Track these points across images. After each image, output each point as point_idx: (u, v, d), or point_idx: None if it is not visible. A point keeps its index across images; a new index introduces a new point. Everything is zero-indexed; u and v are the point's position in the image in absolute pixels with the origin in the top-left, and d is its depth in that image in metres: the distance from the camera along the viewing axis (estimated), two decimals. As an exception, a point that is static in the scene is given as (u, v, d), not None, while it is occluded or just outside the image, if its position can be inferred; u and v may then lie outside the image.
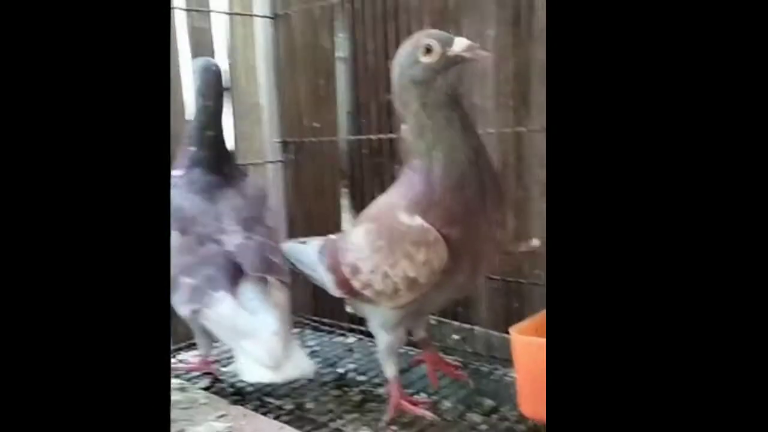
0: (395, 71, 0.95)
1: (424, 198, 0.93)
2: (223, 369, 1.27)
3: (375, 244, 0.98)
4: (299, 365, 0.98)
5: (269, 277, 1.07)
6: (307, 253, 1.18)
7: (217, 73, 1.19)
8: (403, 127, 0.97)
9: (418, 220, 0.93)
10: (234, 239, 1.09)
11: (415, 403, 1.10)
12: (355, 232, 1.05)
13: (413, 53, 0.92)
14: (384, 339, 1.06)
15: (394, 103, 0.97)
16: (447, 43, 0.90)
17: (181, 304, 1.05)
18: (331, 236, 1.17)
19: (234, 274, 1.04)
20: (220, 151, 1.20)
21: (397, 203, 0.97)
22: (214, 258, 1.06)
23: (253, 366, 0.96)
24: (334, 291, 1.09)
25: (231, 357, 1.25)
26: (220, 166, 1.18)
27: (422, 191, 0.94)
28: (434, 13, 1.30)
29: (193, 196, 1.13)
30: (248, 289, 1.04)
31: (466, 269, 0.96)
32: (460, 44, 0.89)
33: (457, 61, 0.90)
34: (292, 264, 1.21)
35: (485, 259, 1.00)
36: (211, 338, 1.17)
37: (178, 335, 1.47)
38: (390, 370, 1.09)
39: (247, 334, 0.98)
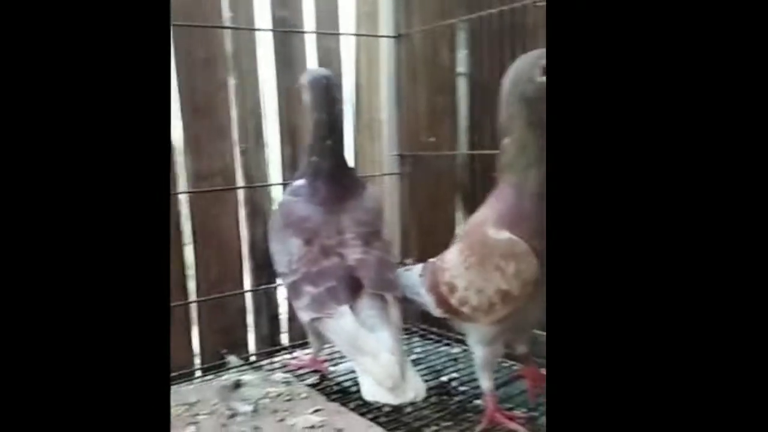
0: (507, 85, 0.96)
1: (515, 212, 0.95)
2: (332, 368, 1.33)
3: (467, 260, 1.00)
4: (415, 387, 1.00)
5: (386, 294, 1.10)
6: (410, 276, 1.22)
7: (327, 85, 1.20)
8: (504, 141, 0.98)
9: (505, 233, 0.94)
10: (354, 253, 1.12)
11: (510, 417, 1.11)
12: (450, 251, 1.08)
13: (530, 71, 0.93)
14: (481, 354, 1.08)
15: (500, 116, 0.99)
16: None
17: (301, 310, 1.12)
18: (432, 259, 1.19)
19: (354, 289, 1.08)
20: (340, 162, 1.22)
21: (486, 218, 0.99)
22: (336, 270, 1.10)
23: (373, 385, 0.99)
24: (435, 311, 1.12)
25: (342, 357, 1.33)
26: (341, 177, 1.21)
27: (513, 205, 0.95)
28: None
29: (316, 207, 1.17)
30: (367, 305, 1.07)
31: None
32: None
33: None
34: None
35: None
36: (323, 341, 1.22)
37: (295, 332, 1.59)
38: (486, 383, 1.11)
39: (365, 351, 1.00)
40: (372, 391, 0.99)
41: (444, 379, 1.35)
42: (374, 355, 0.99)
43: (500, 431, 1.08)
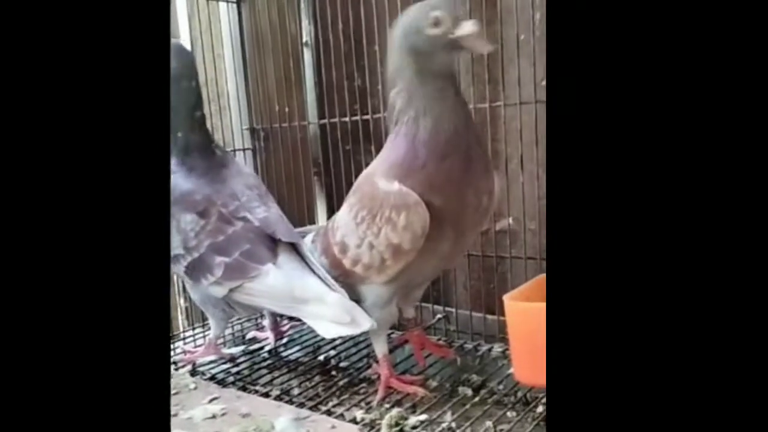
0: (395, 36, 0.93)
1: (406, 164, 0.93)
2: (228, 351, 1.30)
3: (358, 215, 0.98)
4: (366, 316, 0.98)
5: (297, 243, 1.10)
6: (304, 243, 1.17)
7: (190, 55, 1.20)
8: (393, 92, 0.96)
9: (395, 184, 0.92)
10: (258, 213, 1.11)
11: (405, 382, 1.09)
12: (342, 208, 1.04)
13: (419, 23, 0.90)
14: (377, 317, 1.04)
15: (388, 67, 0.96)
16: (455, 23, 0.88)
17: (214, 285, 1.08)
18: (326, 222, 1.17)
19: (270, 246, 1.07)
20: (208, 133, 1.20)
21: (376, 170, 0.97)
22: (246, 234, 1.08)
23: (330, 325, 0.98)
24: (332, 274, 1.08)
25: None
26: (213, 148, 1.19)
27: (404, 157, 0.93)
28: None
29: (198, 180, 1.13)
30: (287, 258, 1.07)
31: (449, 236, 0.95)
32: (465, 29, 0.87)
33: (457, 44, 0.89)
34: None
35: (470, 228, 1.00)
36: (229, 318, 1.23)
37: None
38: (380, 348, 1.09)
39: (308, 298, 1.00)
40: (331, 331, 0.98)
41: (321, 358, 1.31)
42: (319, 299, 0.99)
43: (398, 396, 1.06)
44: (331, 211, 1.49)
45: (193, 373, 1.20)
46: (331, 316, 0.98)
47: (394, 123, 0.96)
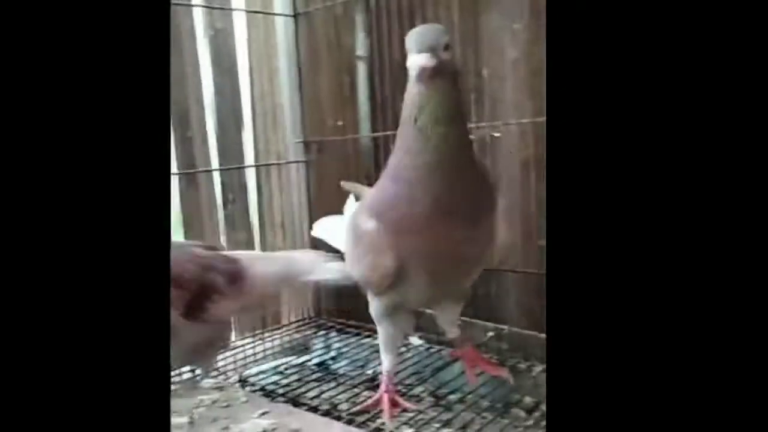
0: None
1: (385, 200, 0.90)
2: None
3: (347, 238, 1.03)
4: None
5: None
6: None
7: None
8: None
9: (371, 223, 0.90)
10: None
11: (397, 404, 1.06)
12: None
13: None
14: (380, 330, 1.05)
15: None
16: (409, 52, 0.82)
17: None
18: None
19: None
20: None
21: (365, 203, 0.99)
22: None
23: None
24: None
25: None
26: None
27: (384, 193, 0.90)
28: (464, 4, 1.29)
29: None
30: None
31: (422, 278, 0.91)
32: (411, 62, 0.81)
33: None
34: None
35: (450, 272, 0.94)
36: None
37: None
38: (385, 363, 1.07)
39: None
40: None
41: (370, 372, 1.30)
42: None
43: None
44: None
45: (243, 384, 1.21)
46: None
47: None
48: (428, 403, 1.16)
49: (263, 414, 0.92)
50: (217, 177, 1.49)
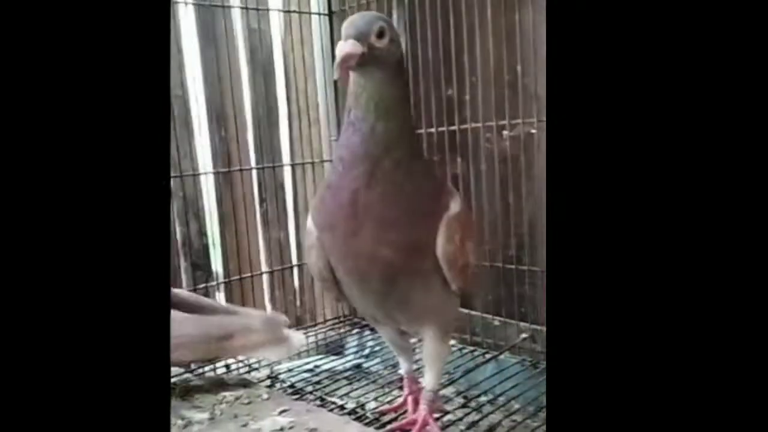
0: None
1: (317, 197, 0.89)
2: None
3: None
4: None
5: None
6: None
7: None
8: None
9: (309, 222, 0.89)
10: None
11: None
12: None
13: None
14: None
15: None
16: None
17: None
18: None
19: None
20: None
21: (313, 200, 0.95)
22: None
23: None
24: None
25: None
26: None
27: (319, 190, 0.89)
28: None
29: None
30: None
31: (348, 278, 0.87)
32: (337, 49, 0.78)
33: None
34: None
35: (371, 277, 0.84)
36: None
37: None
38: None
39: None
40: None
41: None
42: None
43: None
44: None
45: (273, 381, 1.22)
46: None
47: None
48: (457, 404, 1.15)
49: (283, 412, 0.92)
50: (254, 176, 1.51)
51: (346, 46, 0.76)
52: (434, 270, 0.83)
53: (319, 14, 1.53)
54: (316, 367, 1.31)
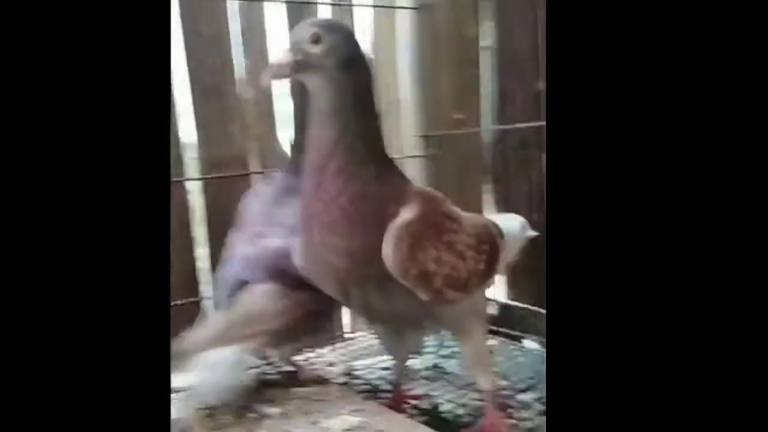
0: None
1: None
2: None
3: None
4: None
5: None
6: None
7: None
8: None
9: None
10: None
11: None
12: None
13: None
14: None
15: None
16: None
17: None
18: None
19: None
20: None
21: None
22: None
23: None
24: None
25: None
26: None
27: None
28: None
29: None
30: None
31: (328, 291, 0.88)
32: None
33: None
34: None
35: (320, 277, 0.87)
36: None
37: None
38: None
39: None
40: None
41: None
42: None
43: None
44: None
45: (349, 377, 1.22)
46: None
47: None
48: (536, 411, 1.11)
49: (354, 411, 0.92)
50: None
51: (276, 56, 0.80)
52: (390, 278, 0.80)
53: (408, 8, 1.50)
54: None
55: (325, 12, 1.47)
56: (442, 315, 0.89)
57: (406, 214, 0.80)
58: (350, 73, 0.80)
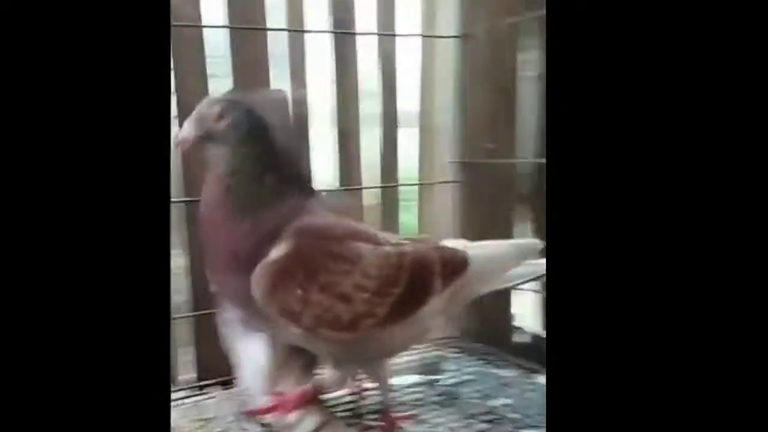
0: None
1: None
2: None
3: None
4: None
5: None
6: None
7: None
8: None
9: None
10: None
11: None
12: None
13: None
14: None
15: None
16: None
17: None
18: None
19: None
20: None
21: None
22: None
23: None
24: None
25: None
26: None
27: None
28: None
29: None
30: None
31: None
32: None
33: None
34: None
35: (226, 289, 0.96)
36: None
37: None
38: None
39: None
40: None
41: (488, 404, 1.26)
42: None
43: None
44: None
45: (358, 398, 1.26)
46: None
47: None
48: None
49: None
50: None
51: (183, 131, 0.90)
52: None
53: (450, 37, 1.52)
54: (407, 387, 1.32)
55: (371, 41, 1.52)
56: (338, 351, 0.95)
57: (276, 252, 0.86)
58: (250, 144, 0.89)
